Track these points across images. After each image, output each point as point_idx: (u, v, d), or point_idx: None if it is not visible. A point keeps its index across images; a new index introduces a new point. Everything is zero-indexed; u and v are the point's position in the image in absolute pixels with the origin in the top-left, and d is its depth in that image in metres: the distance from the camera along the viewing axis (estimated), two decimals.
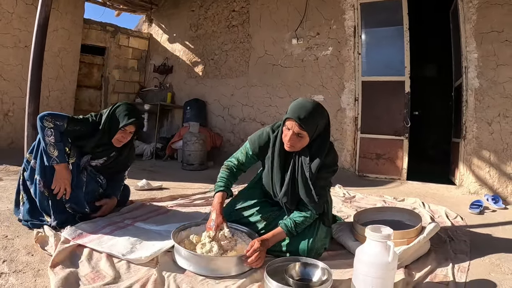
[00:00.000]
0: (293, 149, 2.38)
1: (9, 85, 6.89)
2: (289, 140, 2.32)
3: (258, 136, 2.63)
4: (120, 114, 2.95)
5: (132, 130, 3.01)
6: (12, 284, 1.97)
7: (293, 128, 2.28)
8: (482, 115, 4.98)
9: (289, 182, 2.47)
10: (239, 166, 2.70)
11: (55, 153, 2.71)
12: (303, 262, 2.09)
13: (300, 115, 2.25)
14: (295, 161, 2.46)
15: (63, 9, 7.63)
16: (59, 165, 2.72)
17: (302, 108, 2.29)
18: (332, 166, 2.48)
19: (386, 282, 1.83)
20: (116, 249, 2.33)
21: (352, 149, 6.17)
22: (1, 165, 5.44)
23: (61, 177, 2.74)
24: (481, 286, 2.16)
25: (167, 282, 2.00)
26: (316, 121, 2.31)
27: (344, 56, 6.19)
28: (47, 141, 2.69)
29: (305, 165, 2.40)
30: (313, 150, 2.42)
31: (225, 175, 2.64)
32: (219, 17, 8.04)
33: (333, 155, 2.50)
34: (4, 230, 2.71)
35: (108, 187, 3.22)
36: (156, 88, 9.35)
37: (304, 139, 2.33)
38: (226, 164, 2.72)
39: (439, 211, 3.92)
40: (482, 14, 4.95)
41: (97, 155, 3.04)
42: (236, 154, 2.72)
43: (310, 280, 2.01)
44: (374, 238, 1.86)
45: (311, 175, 2.38)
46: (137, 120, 2.99)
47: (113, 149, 3.08)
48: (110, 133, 2.97)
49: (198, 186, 4.95)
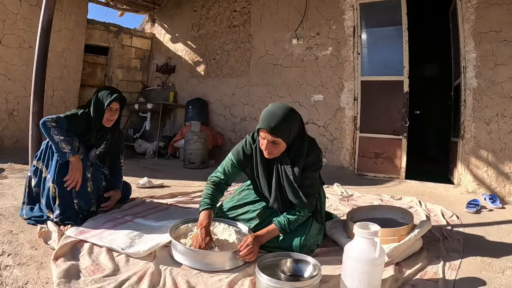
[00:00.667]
0: (272, 155, 2.43)
1: (14, 85, 6.96)
2: (266, 148, 2.38)
3: (241, 147, 2.65)
4: (103, 96, 3.11)
5: (117, 106, 3.15)
6: (16, 276, 2.06)
7: (267, 137, 2.33)
8: (480, 114, 5.01)
9: (276, 188, 2.53)
10: (225, 180, 2.70)
11: (68, 147, 2.85)
12: (295, 259, 2.14)
13: (271, 123, 2.30)
14: (277, 167, 2.51)
15: (66, 9, 7.70)
16: (74, 156, 2.87)
17: (272, 116, 2.32)
18: (315, 164, 2.52)
19: (373, 277, 1.89)
20: (116, 243, 2.42)
21: (351, 148, 6.21)
22: (6, 164, 5.53)
23: (77, 167, 2.89)
24: (470, 284, 2.19)
25: (163, 275, 2.08)
26: (288, 127, 2.35)
27: (343, 56, 6.23)
28: (57, 139, 2.82)
29: (288, 169, 2.45)
30: (292, 154, 2.47)
31: (210, 191, 2.62)
32: (220, 17, 8.09)
33: (314, 154, 2.52)
34: (9, 225, 2.80)
35: (110, 180, 3.34)
36: (158, 87, 9.42)
37: (280, 145, 2.38)
38: (211, 180, 2.71)
39: (435, 210, 3.94)
40: (480, 14, 4.97)
41: (98, 142, 3.19)
42: (221, 167, 2.72)
43: (301, 276, 2.06)
44: (362, 234, 1.92)
45: (295, 178, 2.43)
46: (119, 96, 3.15)
47: (107, 132, 3.23)
48: (100, 116, 3.11)
49: (199, 184, 5.00)
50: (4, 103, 6.89)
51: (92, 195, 3.06)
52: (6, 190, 3.89)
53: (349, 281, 1.92)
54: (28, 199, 3.04)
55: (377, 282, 1.93)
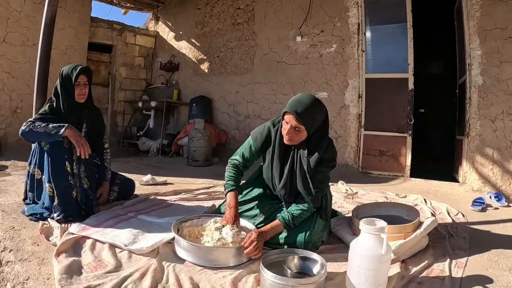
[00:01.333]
0: (292, 142, 2.44)
1: (18, 82, 6.96)
2: (287, 133, 2.39)
3: (260, 132, 2.68)
4: (67, 73, 3.01)
5: (85, 80, 3.06)
6: (18, 272, 2.05)
7: (291, 122, 2.35)
8: (485, 112, 4.98)
9: (288, 175, 2.53)
10: (244, 163, 2.76)
11: (54, 127, 2.81)
12: (302, 256, 2.12)
13: (298, 109, 2.32)
14: (294, 154, 2.53)
15: (70, 7, 7.69)
16: (66, 129, 2.81)
17: (299, 102, 2.35)
18: (330, 161, 2.54)
19: (379, 274, 1.87)
20: (118, 239, 2.41)
21: (356, 145, 6.19)
22: (10, 161, 5.55)
23: (76, 137, 2.85)
24: (477, 281, 2.17)
25: (166, 271, 2.06)
26: (313, 116, 2.37)
27: (348, 53, 6.20)
28: (42, 130, 2.79)
29: (303, 158, 2.46)
30: (311, 145, 2.48)
31: (232, 173, 2.71)
32: (224, 15, 8.07)
33: (332, 151, 2.55)
34: (11, 221, 2.80)
35: (98, 173, 3.30)
36: (162, 85, 9.40)
37: (301, 133, 2.39)
38: (231, 163, 2.78)
39: (441, 208, 3.92)
40: (485, 11, 4.94)
41: (79, 121, 3.11)
42: (240, 150, 2.79)
43: (308, 274, 2.04)
44: (368, 231, 1.90)
45: (309, 168, 2.44)
46: (84, 67, 3.06)
47: (84, 109, 3.15)
48: (70, 95, 3.03)
49: (202, 181, 5.00)
50: (8, 100, 6.89)
51: (90, 191, 3.06)
52: (9, 187, 3.90)
53: (355, 278, 1.90)
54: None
55: (383, 279, 1.90)
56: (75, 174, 2.92)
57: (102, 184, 3.30)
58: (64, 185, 2.81)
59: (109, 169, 3.39)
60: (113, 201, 3.44)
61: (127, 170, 5.11)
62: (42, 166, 2.86)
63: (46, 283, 1.94)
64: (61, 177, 2.82)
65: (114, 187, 3.47)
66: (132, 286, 1.88)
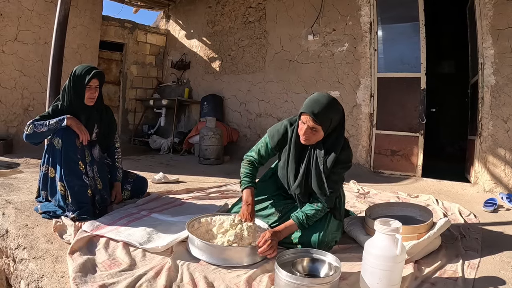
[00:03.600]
0: (308, 142, 2.44)
1: (30, 80, 7.03)
2: (304, 133, 2.39)
3: (277, 130, 2.68)
4: (80, 74, 2.99)
5: (96, 84, 3.05)
6: (32, 270, 2.07)
7: (308, 122, 2.34)
8: (498, 112, 4.93)
9: (303, 174, 2.53)
10: (259, 159, 2.76)
11: (57, 121, 2.86)
12: (311, 258, 2.12)
13: (314, 110, 2.31)
14: (310, 154, 2.52)
15: (82, 6, 7.74)
16: (68, 120, 2.87)
17: (316, 102, 2.34)
18: (346, 162, 2.53)
19: (393, 274, 1.87)
20: (133, 238, 2.43)
21: (367, 145, 6.17)
22: (22, 158, 5.61)
23: (77, 125, 2.90)
24: (490, 282, 2.16)
25: (180, 270, 2.07)
26: (330, 116, 2.36)
27: (360, 52, 6.18)
28: (45, 128, 2.85)
29: (320, 158, 2.45)
30: (328, 145, 2.48)
31: (248, 170, 2.72)
32: (235, 13, 8.08)
33: (347, 152, 2.55)
34: (25, 219, 2.82)
35: (109, 173, 3.34)
36: (173, 83, 9.45)
37: (318, 133, 2.39)
38: (247, 159, 2.79)
39: (452, 208, 3.90)
40: (498, 10, 4.88)
41: (89, 124, 3.10)
42: (256, 147, 2.79)
43: (317, 275, 2.04)
44: (383, 231, 1.90)
45: (325, 168, 2.44)
46: (97, 71, 3.04)
47: (93, 111, 3.14)
48: (80, 97, 3.02)
49: (214, 180, 5.02)
50: (20, 98, 6.96)
51: (103, 191, 3.10)
52: (21, 184, 3.93)
53: (369, 278, 1.90)
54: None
55: (397, 279, 1.90)
56: (89, 174, 2.96)
57: (114, 185, 3.33)
58: (78, 184, 2.84)
59: (120, 169, 3.42)
60: (126, 200, 3.46)
61: (138, 168, 5.15)
62: (55, 164, 2.89)
63: (61, 281, 1.96)
64: (75, 177, 2.85)
65: (127, 186, 3.50)
66: (147, 284, 1.89)
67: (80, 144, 2.92)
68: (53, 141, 2.87)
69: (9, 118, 6.83)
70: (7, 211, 2.99)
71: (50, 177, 2.93)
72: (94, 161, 3.10)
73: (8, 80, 6.79)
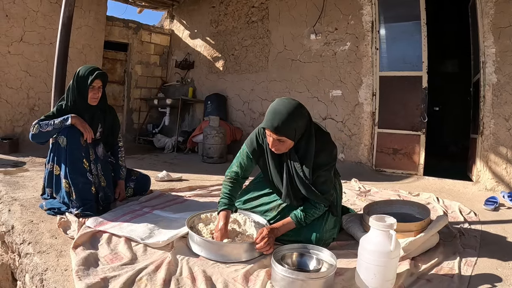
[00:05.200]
0: (280, 151, 2.39)
1: (35, 80, 7.10)
2: (272, 145, 2.34)
3: (255, 138, 2.62)
4: (83, 75, 3.04)
5: (99, 84, 3.09)
6: (36, 263, 2.13)
7: (272, 135, 2.29)
8: (499, 111, 4.93)
9: (287, 184, 2.51)
10: (242, 173, 2.67)
11: (61, 120, 2.92)
12: (299, 253, 2.17)
13: (274, 123, 2.24)
14: (287, 163, 2.49)
15: (86, 7, 7.79)
16: (73, 119, 2.93)
17: (276, 115, 2.25)
18: (328, 164, 2.46)
19: (388, 270, 1.90)
20: (135, 234, 2.48)
21: (369, 143, 6.19)
22: (28, 157, 5.68)
23: (81, 124, 2.96)
24: (486, 280, 2.17)
25: (180, 264, 2.13)
26: (293, 125, 2.27)
27: (362, 51, 6.20)
28: (51, 127, 2.92)
29: (297, 166, 2.42)
30: (300, 152, 2.43)
31: (228, 190, 2.59)
32: (239, 13, 8.11)
33: (327, 152, 2.47)
34: (30, 215, 2.89)
35: (113, 172, 3.39)
36: (178, 83, 9.49)
37: (286, 143, 2.33)
38: (228, 177, 2.67)
39: (453, 207, 3.91)
40: (500, 8, 4.88)
41: (93, 123, 3.15)
42: (237, 160, 2.71)
43: (305, 269, 2.09)
44: (377, 227, 1.93)
45: (305, 176, 2.40)
46: (100, 72, 3.08)
47: (97, 110, 3.19)
48: (84, 97, 3.07)
49: (217, 178, 5.05)
50: (26, 98, 7.03)
51: (107, 189, 3.16)
52: (27, 182, 4.00)
53: (364, 273, 1.94)
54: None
55: (392, 275, 1.93)
56: (93, 172, 3.01)
57: (118, 183, 3.39)
58: (82, 182, 2.90)
59: (123, 167, 3.46)
60: (129, 197, 3.51)
61: (142, 167, 5.20)
62: (60, 162, 2.95)
63: (64, 274, 2.01)
64: (79, 174, 2.91)
65: (130, 183, 3.55)
66: (147, 278, 1.94)
67: (85, 142, 2.98)
68: (58, 139, 2.92)
69: (15, 118, 6.91)
70: (13, 207, 3.05)
71: (55, 175, 2.99)
72: (98, 159, 3.16)
73: (14, 80, 6.86)
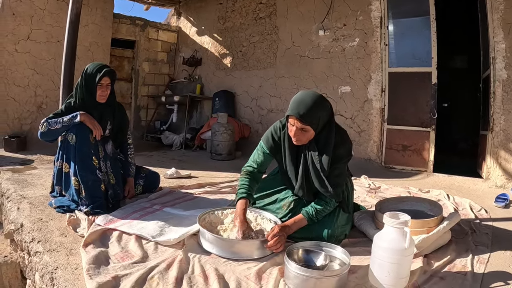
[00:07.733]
0: (300, 142, 2.42)
1: (43, 78, 7.13)
2: (294, 135, 2.37)
3: (271, 134, 2.66)
4: (91, 72, 3.03)
5: (108, 82, 3.08)
6: (46, 262, 2.12)
7: (296, 124, 2.32)
8: (510, 107, 4.87)
9: (302, 176, 2.53)
10: (258, 168, 2.70)
11: (70, 118, 2.92)
12: (305, 249, 2.16)
13: (300, 111, 2.29)
14: (305, 154, 2.50)
15: (93, 4, 7.81)
16: (81, 116, 2.92)
17: (301, 103, 2.31)
18: (344, 157, 2.50)
19: (402, 268, 1.88)
20: (146, 231, 2.47)
21: (379, 140, 6.16)
22: (36, 155, 5.71)
23: (89, 121, 2.95)
24: (499, 277, 2.16)
25: (192, 262, 2.12)
26: (317, 114, 2.33)
27: (370, 47, 6.16)
28: (60, 125, 2.91)
29: (315, 157, 2.44)
30: (321, 143, 2.45)
31: (245, 181, 2.63)
32: (246, 10, 8.09)
33: (344, 146, 2.51)
34: (39, 213, 2.89)
35: (122, 169, 3.39)
36: (185, 80, 9.49)
37: (308, 133, 2.37)
38: (245, 170, 2.71)
39: (463, 204, 3.88)
40: (510, 3, 4.80)
41: (102, 120, 3.15)
42: (253, 156, 2.74)
43: (311, 266, 2.07)
44: (391, 224, 1.92)
45: (321, 167, 2.42)
46: (108, 69, 3.07)
47: (106, 107, 3.18)
48: (92, 95, 3.06)
49: (226, 175, 5.05)
50: (33, 96, 7.06)
51: (116, 186, 3.16)
52: (36, 180, 4.01)
53: (378, 271, 1.92)
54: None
55: (406, 273, 1.92)
56: (102, 169, 3.01)
57: (127, 181, 3.38)
58: (92, 179, 2.89)
59: (133, 164, 3.46)
60: (139, 194, 3.51)
61: (151, 164, 5.20)
62: (69, 160, 2.94)
63: (74, 272, 2.00)
64: (89, 171, 2.91)
65: (139, 181, 3.54)
66: (159, 276, 1.93)
67: (94, 139, 2.97)
68: (67, 137, 2.92)
69: (23, 116, 6.94)
70: (22, 206, 3.06)
71: (65, 172, 2.98)
72: (107, 156, 3.15)
73: (21, 78, 6.89)
